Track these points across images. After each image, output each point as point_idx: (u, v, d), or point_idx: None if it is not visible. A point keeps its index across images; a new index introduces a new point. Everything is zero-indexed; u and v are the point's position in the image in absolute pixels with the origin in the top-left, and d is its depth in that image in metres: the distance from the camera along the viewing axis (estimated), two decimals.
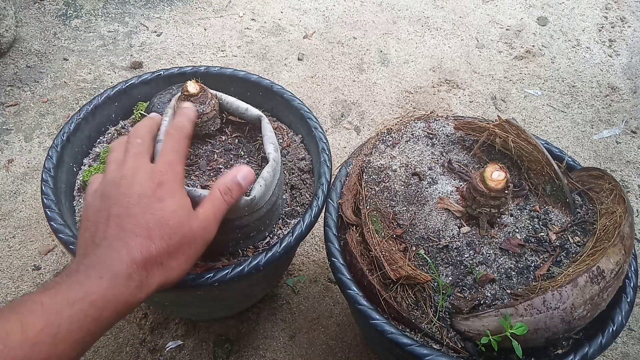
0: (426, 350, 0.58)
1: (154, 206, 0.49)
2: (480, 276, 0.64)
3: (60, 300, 0.42)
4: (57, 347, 0.40)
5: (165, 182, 0.52)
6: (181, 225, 0.50)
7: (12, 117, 1.30)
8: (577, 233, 0.70)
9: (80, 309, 0.42)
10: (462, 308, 0.62)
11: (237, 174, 0.56)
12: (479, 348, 0.60)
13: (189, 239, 0.50)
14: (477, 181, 0.64)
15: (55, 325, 0.40)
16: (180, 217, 0.50)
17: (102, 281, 0.44)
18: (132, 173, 0.52)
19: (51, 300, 0.41)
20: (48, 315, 0.40)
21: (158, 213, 0.49)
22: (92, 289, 0.43)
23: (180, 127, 0.58)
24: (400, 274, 0.62)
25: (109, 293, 0.44)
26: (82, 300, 0.42)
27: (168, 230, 0.49)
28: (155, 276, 0.48)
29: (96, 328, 0.43)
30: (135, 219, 0.48)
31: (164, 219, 0.49)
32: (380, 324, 0.60)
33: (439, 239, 0.68)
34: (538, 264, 0.66)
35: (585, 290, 0.57)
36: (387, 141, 0.80)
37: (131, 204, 0.49)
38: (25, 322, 0.39)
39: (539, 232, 0.70)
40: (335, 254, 0.67)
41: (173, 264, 0.49)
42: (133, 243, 0.47)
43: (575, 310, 0.57)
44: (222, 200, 0.54)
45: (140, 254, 0.46)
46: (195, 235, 0.51)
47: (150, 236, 0.47)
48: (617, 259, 0.60)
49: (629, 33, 1.70)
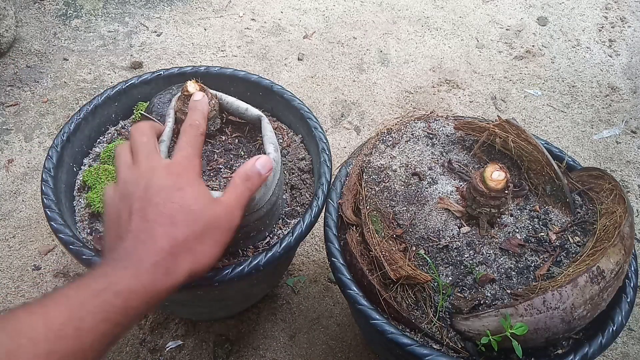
0: (426, 350, 0.58)
1: (174, 195, 0.49)
2: (480, 276, 0.64)
3: (84, 291, 0.41)
4: (82, 339, 0.39)
5: (183, 173, 0.52)
6: (204, 210, 0.50)
7: (12, 117, 1.30)
8: (577, 233, 0.70)
9: (105, 299, 0.41)
10: (462, 308, 0.62)
11: (256, 162, 0.56)
12: (479, 348, 0.60)
13: (213, 223, 0.50)
14: (477, 181, 0.64)
15: (79, 317, 0.39)
16: (202, 203, 0.50)
17: (127, 271, 0.43)
18: (149, 171, 0.52)
19: (75, 292, 0.40)
20: (72, 307, 0.39)
21: (179, 201, 0.49)
22: (116, 279, 0.42)
23: (196, 125, 0.58)
24: (400, 274, 0.62)
25: (134, 282, 0.43)
26: (106, 290, 0.41)
27: (191, 216, 0.49)
28: (184, 262, 0.47)
29: (123, 319, 0.42)
30: (157, 209, 0.48)
31: (186, 205, 0.49)
32: (380, 324, 0.60)
33: (439, 239, 0.68)
34: (538, 264, 0.66)
35: (585, 290, 0.57)
36: (387, 141, 0.80)
37: (152, 196, 0.49)
38: (49, 314, 0.38)
39: (539, 232, 0.70)
40: (335, 254, 0.67)
41: (201, 249, 0.49)
42: (157, 232, 0.46)
43: (575, 310, 0.57)
44: (243, 187, 0.55)
45: (165, 241, 0.46)
46: (219, 219, 0.51)
47: (174, 223, 0.47)
48: (617, 259, 0.60)
49: (629, 33, 1.70)
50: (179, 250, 0.47)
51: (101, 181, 0.76)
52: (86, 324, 0.39)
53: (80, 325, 0.39)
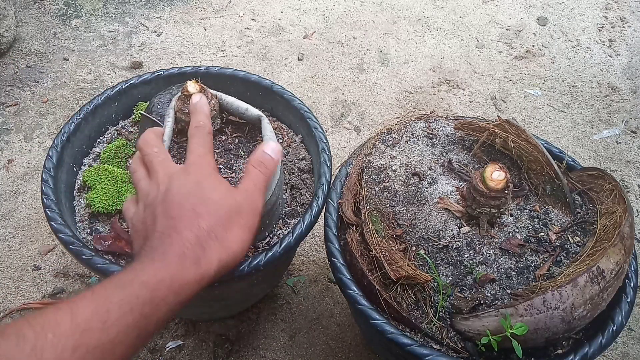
0: (426, 350, 0.58)
1: (194, 190, 0.50)
2: (480, 276, 0.64)
3: (110, 284, 0.41)
4: (109, 332, 0.38)
5: (199, 170, 0.53)
6: (224, 198, 0.51)
7: (12, 117, 1.30)
8: (577, 233, 0.70)
9: (131, 291, 0.40)
10: (462, 308, 0.62)
11: (265, 148, 0.58)
12: (479, 348, 0.60)
13: (236, 209, 0.51)
14: (477, 181, 0.64)
15: (105, 310, 0.38)
16: (221, 192, 0.51)
17: (154, 262, 0.44)
18: (166, 177, 0.53)
19: (101, 286, 0.40)
20: (97, 300, 0.39)
21: (199, 194, 0.50)
22: (143, 271, 0.42)
23: (201, 125, 0.60)
24: (400, 274, 0.62)
25: (161, 272, 0.43)
26: (132, 282, 0.41)
27: (213, 205, 0.49)
28: (213, 251, 0.47)
29: (150, 310, 0.41)
30: (180, 206, 0.49)
31: (205, 196, 0.50)
32: (380, 324, 0.60)
33: (439, 239, 0.68)
34: (538, 264, 0.66)
35: (585, 290, 0.57)
36: (387, 141, 0.80)
37: (173, 196, 0.50)
38: (76, 309, 0.38)
39: (539, 232, 0.70)
40: (335, 254, 0.67)
41: (228, 236, 0.49)
42: (181, 225, 0.47)
43: (575, 310, 0.57)
44: (257, 172, 0.56)
45: (190, 231, 0.47)
46: (240, 205, 0.52)
47: (197, 214, 0.48)
48: (617, 259, 0.60)
49: (629, 33, 1.70)
50: (206, 239, 0.47)
51: (101, 181, 0.76)
52: (112, 315, 0.39)
53: (106, 317, 0.38)
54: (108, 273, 0.64)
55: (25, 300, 0.98)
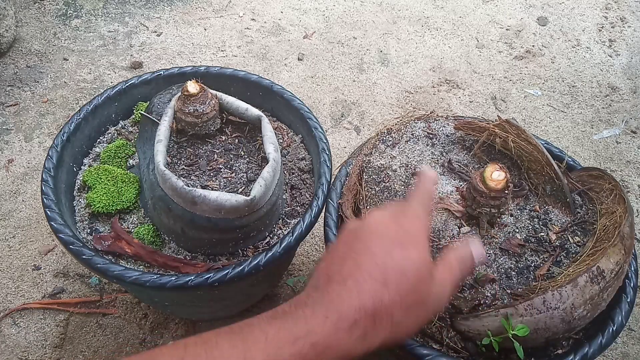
0: (426, 350, 0.58)
1: (395, 250, 0.45)
2: (480, 276, 0.64)
3: (284, 335, 0.40)
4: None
5: (410, 230, 0.47)
6: (419, 282, 0.45)
7: (12, 117, 1.30)
8: (577, 233, 0.70)
9: (301, 349, 0.40)
10: (462, 308, 0.62)
11: (472, 249, 0.52)
12: (480, 348, 0.60)
13: (422, 298, 0.45)
14: (477, 181, 0.64)
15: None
16: (420, 273, 0.45)
17: (327, 321, 0.41)
18: (375, 217, 0.48)
19: (276, 333, 0.40)
20: (269, 349, 0.39)
21: (398, 260, 0.45)
22: (316, 329, 0.41)
23: (428, 190, 0.54)
24: None
25: (331, 338, 0.41)
26: (304, 339, 0.40)
27: (405, 282, 0.44)
28: (382, 330, 0.43)
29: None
30: (374, 259, 0.44)
31: (403, 268, 0.44)
32: None
33: (439, 239, 0.68)
34: (538, 264, 0.66)
35: (585, 290, 0.57)
36: (387, 141, 0.80)
37: (371, 243, 0.45)
38: (249, 352, 0.38)
39: (539, 232, 0.70)
40: None
41: (402, 320, 0.44)
42: (366, 286, 0.43)
43: (575, 310, 0.57)
44: (458, 269, 0.50)
45: (371, 300, 0.42)
46: (428, 297, 0.46)
47: (385, 282, 0.43)
48: (617, 259, 0.60)
49: (629, 33, 1.70)
50: (381, 315, 0.43)
51: (101, 181, 0.76)
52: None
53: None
54: (108, 273, 0.64)
55: (25, 300, 0.98)
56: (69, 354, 0.92)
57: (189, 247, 0.73)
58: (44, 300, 0.98)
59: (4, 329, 0.95)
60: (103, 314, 0.97)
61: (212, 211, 0.64)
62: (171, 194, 0.66)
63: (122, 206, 0.75)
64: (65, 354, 0.92)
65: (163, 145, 0.70)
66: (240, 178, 0.75)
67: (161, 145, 0.69)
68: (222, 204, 0.63)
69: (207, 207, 0.64)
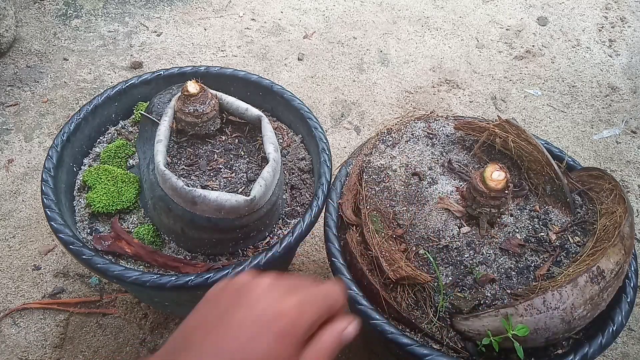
0: (426, 350, 0.58)
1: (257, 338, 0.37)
2: (480, 276, 0.64)
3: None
4: None
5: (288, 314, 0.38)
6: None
7: (12, 117, 1.30)
8: (577, 233, 0.70)
9: None
10: (462, 308, 0.62)
11: (349, 326, 0.42)
12: (479, 348, 0.60)
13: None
14: (477, 181, 0.65)
15: None
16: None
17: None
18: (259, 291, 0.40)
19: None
20: None
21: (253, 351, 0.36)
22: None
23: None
24: (400, 274, 0.62)
25: None
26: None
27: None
28: None
29: None
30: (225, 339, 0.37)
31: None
32: (380, 324, 0.60)
33: (439, 239, 0.68)
34: (538, 264, 0.66)
35: (585, 290, 0.57)
36: (387, 141, 0.80)
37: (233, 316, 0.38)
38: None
39: (539, 232, 0.70)
40: (335, 254, 0.67)
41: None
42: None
43: (575, 310, 0.57)
44: (331, 347, 0.40)
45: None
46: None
47: None
48: (617, 259, 0.60)
49: (629, 33, 1.70)
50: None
51: (101, 181, 0.76)
52: None
53: None
54: (108, 273, 0.64)
55: (25, 300, 0.98)
56: (69, 354, 0.92)
57: (189, 247, 0.73)
58: (44, 300, 0.98)
59: (4, 329, 0.95)
60: (103, 314, 0.97)
61: (212, 211, 0.64)
62: (171, 194, 0.66)
63: (122, 206, 0.75)
64: (65, 354, 0.92)
65: (163, 145, 0.70)
66: (240, 178, 0.75)
67: (161, 145, 0.69)
68: (222, 204, 0.63)
69: (207, 207, 0.64)
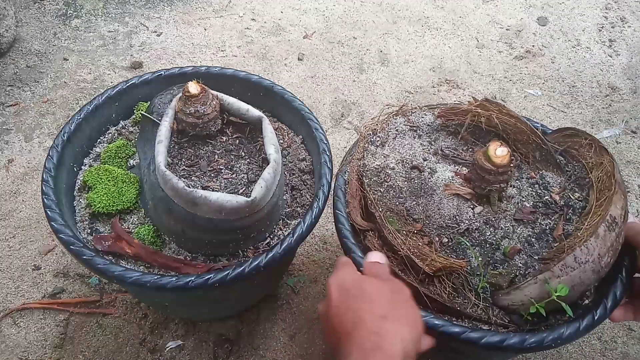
0: (479, 333, 0.59)
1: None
2: (508, 250, 0.66)
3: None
4: None
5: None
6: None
7: (12, 117, 1.30)
8: (575, 190, 0.73)
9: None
10: (501, 284, 0.63)
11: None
12: (525, 318, 0.62)
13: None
14: (483, 161, 0.67)
15: None
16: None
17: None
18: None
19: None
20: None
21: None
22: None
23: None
24: (436, 266, 0.62)
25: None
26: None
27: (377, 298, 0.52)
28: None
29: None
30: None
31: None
32: (428, 319, 0.60)
33: (458, 223, 0.69)
34: (552, 226, 0.69)
35: (606, 239, 0.60)
36: (376, 142, 0.80)
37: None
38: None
39: (543, 197, 0.73)
40: (361, 263, 0.67)
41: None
42: None
43: (602, 259, 0.60)
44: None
45: None
46: None
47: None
48: (621, 204, 0.63)
49: (629, 33, 1.70)
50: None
51: (102, 181, 0.76)
52: None
53: None
54: (108, 273, 0.64)
55: (25, 300, 0.98)
56: (69, 354, 0.92)
57: (190, 247, 0.73)
58: (44, 300, 0.98)
59: (4, 329, 0.95)
60: (103, 314, 0.97)
61: (213, 212, 0.64)
62: (172, 194, 0.66)
63: (122, 206, 0.75)
64: (65, 354, 0.92)
65: (164, 145, 0.70)
66: (241, 179, 0.75)
67: (162, 145, 0.69)
68: (222, 204, 0.63)
69: (208, 208, 0.64)
